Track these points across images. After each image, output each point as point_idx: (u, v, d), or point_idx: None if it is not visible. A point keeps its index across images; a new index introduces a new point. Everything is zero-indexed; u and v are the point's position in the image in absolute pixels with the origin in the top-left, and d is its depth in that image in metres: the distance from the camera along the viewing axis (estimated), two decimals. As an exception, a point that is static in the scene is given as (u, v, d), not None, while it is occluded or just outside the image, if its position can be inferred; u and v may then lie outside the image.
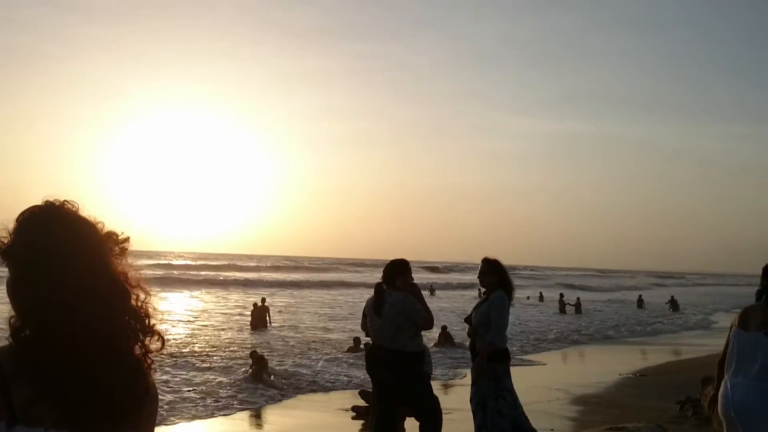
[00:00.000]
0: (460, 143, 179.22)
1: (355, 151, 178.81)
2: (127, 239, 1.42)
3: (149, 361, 1.37)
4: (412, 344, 5.53)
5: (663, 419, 8.76)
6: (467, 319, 6.00)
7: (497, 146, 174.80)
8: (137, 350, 1.35)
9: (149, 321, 1.38)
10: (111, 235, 1.40)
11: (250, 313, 21.04)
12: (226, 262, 72.53)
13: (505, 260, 5.96)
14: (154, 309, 1.39)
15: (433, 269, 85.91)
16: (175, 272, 51.41)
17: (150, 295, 1.40)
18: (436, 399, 6.19)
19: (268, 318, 20.79)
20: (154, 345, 1.38)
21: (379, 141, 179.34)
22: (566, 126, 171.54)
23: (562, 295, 34.11)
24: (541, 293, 41.98)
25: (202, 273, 52.89)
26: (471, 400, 5.81)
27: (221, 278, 47.84)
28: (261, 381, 11.58)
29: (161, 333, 1.40)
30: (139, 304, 1.37)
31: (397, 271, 5.66)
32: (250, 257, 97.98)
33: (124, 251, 1.40)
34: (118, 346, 1.30)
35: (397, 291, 5.55)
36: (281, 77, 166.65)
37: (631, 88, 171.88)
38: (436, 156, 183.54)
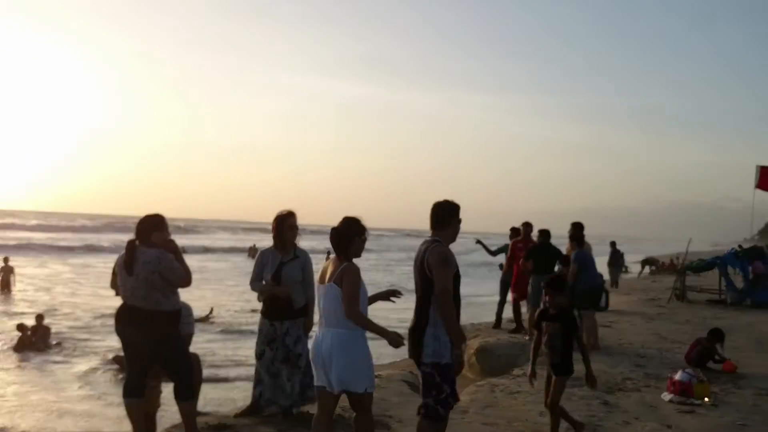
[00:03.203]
0: (240, 99, 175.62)
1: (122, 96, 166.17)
2: None
3: None
4: (168, 303, 5.24)
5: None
6: (274, 277, 5.92)
7: (272, 104, 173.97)
8: None
9: None
10: None
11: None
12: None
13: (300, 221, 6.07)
14: None
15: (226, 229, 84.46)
16: None
17: None
18: (195, 357, 6.00)
19: (12, 280, 18.82)
20: None
21: (149, 88, 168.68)
22: (358, 90, 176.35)
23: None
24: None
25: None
26: (300, 357, 5.93)
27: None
28: (35, 349, 11.09)
29: None
30: None
31: (152, 225, 5.31)
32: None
33: None
34: None
35: (151, 248, 5.22)
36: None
37: (420, 55, 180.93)
38: (218, 111, 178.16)
